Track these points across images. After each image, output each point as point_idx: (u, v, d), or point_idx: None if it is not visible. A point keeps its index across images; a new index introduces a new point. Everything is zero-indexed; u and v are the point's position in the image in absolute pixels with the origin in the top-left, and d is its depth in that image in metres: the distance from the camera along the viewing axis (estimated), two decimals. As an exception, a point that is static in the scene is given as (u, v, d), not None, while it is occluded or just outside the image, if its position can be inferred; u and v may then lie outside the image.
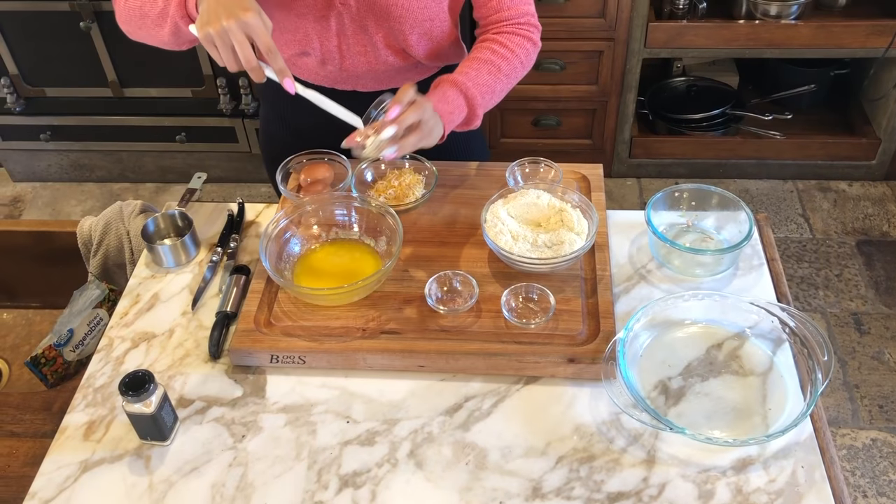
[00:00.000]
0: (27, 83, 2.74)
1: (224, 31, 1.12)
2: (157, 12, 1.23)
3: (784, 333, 1.20)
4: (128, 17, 1.28)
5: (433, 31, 1.39)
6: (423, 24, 1.36)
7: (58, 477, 1.11)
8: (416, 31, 1.36)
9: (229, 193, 2.97)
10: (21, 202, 3.01)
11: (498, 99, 1.38)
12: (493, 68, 1.35)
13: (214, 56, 1.16)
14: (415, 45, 1.38)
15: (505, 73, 1.36)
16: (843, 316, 2.42)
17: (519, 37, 1.38)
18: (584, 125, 2.82)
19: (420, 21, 1.35)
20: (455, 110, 1.31)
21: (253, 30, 1.13)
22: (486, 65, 1.35)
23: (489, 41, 1.37)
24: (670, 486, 1.06)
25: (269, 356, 1.21)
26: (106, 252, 1.65)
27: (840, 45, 2.55)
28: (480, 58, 1.35)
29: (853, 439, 2.12)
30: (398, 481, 1.08)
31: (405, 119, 1.21)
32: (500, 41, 1.37)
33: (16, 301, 1.91)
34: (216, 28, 1.12)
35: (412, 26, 1.35)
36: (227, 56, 1.14)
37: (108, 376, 1.23)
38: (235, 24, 1.11)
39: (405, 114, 1.21)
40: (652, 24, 2.53)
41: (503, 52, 1.36)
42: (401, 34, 1.36)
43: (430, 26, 1.37)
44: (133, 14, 1.27)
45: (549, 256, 1.27)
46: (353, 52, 1.39)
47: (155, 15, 1.24)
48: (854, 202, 2.81)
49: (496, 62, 1.35)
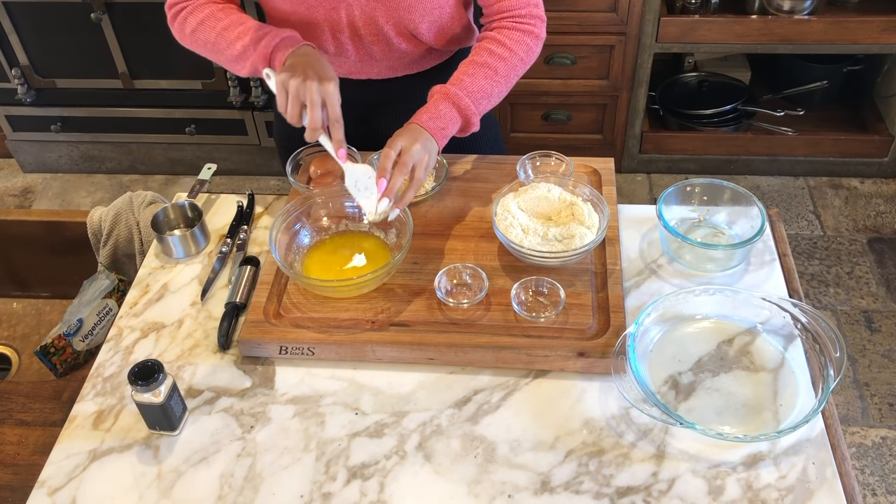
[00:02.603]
0: (38, 74, 2.75)
1: (304, 86, 1.18)
2: (234, 54, 1.29)
3: (796, 329, 1.19)
4: (192, 42, 1.34)
5: (443, 19, 1.38)
6: (433, 13, 1.35)
7: (67, 466, 1.11)
8: (426, 19, 1.35)
9: (238, 186, 2.97)
10: (31, 193, 3.02)
11: (497, 101, 1.37)
12: (489, 72, 1.33)
13: (280, 101, 1.21)
14: (425, 32, 1.38)
15: (503, 74, 1.35)
16: (854, 314, 2.41)
17: (519, 32, 1.36)
18: (594, 120, 2.81)
19: (429, 9, 1.35)
20: (448, 125, 1.30)
21: (330, 97, 1.19)
22: (483, 69, 1.33)
23: (488, 40, 1.36)
24: (680, 482, 1.06)
25: (278, 347, 1.21)
26: (116, 242, 1.65)
27: (853, 41, 2.53)
28: (477, 61, 1.34)
29: (863, 437, 2.11)
30: (406, 474, 1.08)
31: (394, 186, 1.21)
32: (499, 39, 1.35)
33: (26, 291, 1.92)
34: (297, 80, 1.18)
35: (422, 15, 1.34)
36: (294, 107, 1.20)
37: (118, 366, 1.24)
38: (316, 86, 1.18)
39: (393, 179, 1.21)
40: (664, 18, 2.51)
41: (501, 51, 1.34)
42: (410, 23, 1.35)
43: (440, 13, 1.37)
44: (202, 47, 1.33)
45: (559, 250, 1.26)
46: (365, 42, 1.39)
47: (232, 55, 1.30)
48: (866, 199, 2.80)
49: (493, 65, 1.33)
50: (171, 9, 1.34)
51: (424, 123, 1.28)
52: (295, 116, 1.20)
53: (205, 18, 1.31)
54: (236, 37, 1.29)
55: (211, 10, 1.31)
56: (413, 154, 1.23)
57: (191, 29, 1.32)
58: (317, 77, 1.18)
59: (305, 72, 1.19)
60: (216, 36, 1.30)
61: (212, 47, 1.32)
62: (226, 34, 1.29)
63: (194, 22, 1.31)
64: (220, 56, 1.32)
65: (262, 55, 1.27)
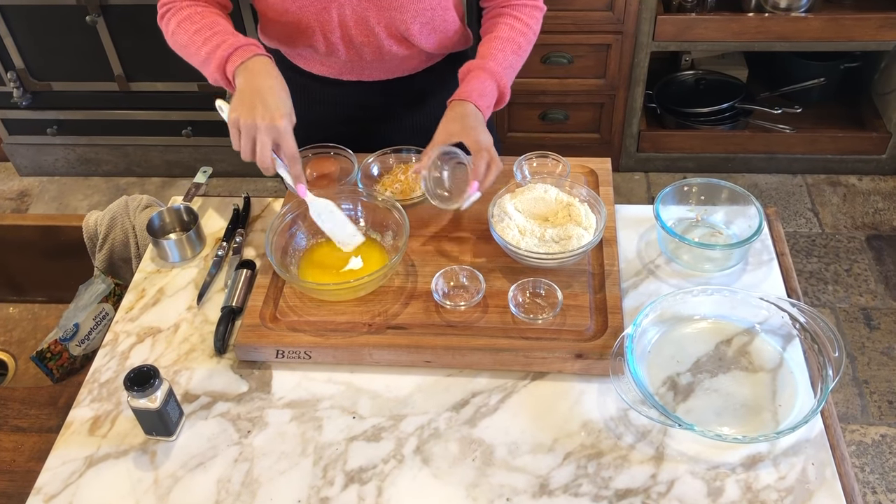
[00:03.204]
0: (34, 77, 2.74)
1: (254, 126, 1.16)
2: (200, 59, 1.28)
3: (794, 329, 1.19)
4: (172, 44, 1.33)
5: (435, 21, 1.38)
6: (425, 14, 1.35)
7: (63, 472, 1.11)
8: (417, 20, 1.35)
9: (235, 188, 2.96)
10: (28, 196, 3.01)
11: (515, 75, 1.41)
12: (515, 47, 1.37)
13: (233, 139, 1.20)
14: (417, 34, 1.37)
15: (524, 49, 1.39)
16: (853, 311, 2.41)
17: (530, 7, 1.40)
18: (591, 119, 2.80)
19: (421, 10, 1.34)
20: (491, 102, 1.35)
21: (282, 137, 1.18)
22: (510, 44, 1.37)
23: (506, 16, 1.39)
24: (679, 483, 1.05)
25: (274, 351, 1.20)
26: (111, 246, 1.64)
27: (851, 38, 2.53)
28: (502, 37, 1.37)
29: (862, 435, 2.11)
30: (404, 477, 1.08)
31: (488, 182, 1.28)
32: (517, 16, 1.38)
33: (22, 295, 1.91)
34: (247, 121, 1.17)
35: (413, 16, 1.34)
36: (246, 147, 1.19)
37: (114, 371, 1.23)
38: (266, 127, 1.16)
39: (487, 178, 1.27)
40: (660, 17, 2.51)
41: (521, 27, 1.38)
42: (402, 24, 1.35)
43: (433, 15, 1.36)
44: (179, 49, 1.32)
45: (556, 251, 1.26)
46: (356, 43, 1.38)
47: (199, 61, 1.29)
48: (864, 197, 2.79)
49: (517, 40, 1.37)
50: (161, 8, 1.33)
51: (476, 101, 1.31)
52: (247, 155, 1.20)
53: (182, 20, 1.29)
54: (203, 41, 1.26)
55: (189, 12, 1.29)
56: (492, 149, 1.28)
57: (171, 30, 1.30)
58: (267, 115, 1.16)
59: (254, 109, 1.16)
60: (188, 39, 1.28)
61: (184, 51, 1.30)
62: (195, 38, 1.27)
63: (174, 23, 1.29)
64: (192, 60, 1.30)
65: (217, 65, 1.24)
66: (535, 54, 2.59)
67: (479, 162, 1.26)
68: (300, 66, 1.48)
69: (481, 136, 1.27)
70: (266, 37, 1.45)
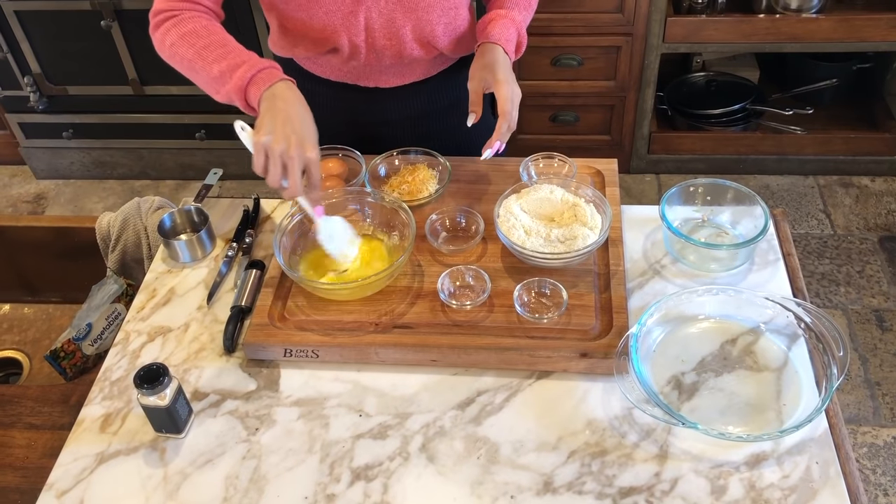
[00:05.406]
0: (49, 82, 2.78)
1: (286, 155, 1.14)
2: (210, 77, 1.23)
3: (799, 328, 1.19)
4: (169, 56, 1.28)
5: (456, 20, 1.41)
6: (449, 13, 1.38)
7: (75, 468, 1.13)
8: (442, 20, 1.38)
9: (248, 190, 2.98)
10: (44, 199, 3.05)
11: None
12: (525, 2, 1.42)
13: (258, 162, 1.16)
14: (440, 35, 1.39)
15: (532, 6, 1.45)
16: (865, 313, 2.40)
17: None
18: (602, 121, 2.80)
19: (447, 9, 1.37)
20: (513, 50, 1.37)
21: (311, 166, 1.17)
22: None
23: None
24: (683, 482, 1.06)
25: (282, 350, 1.21)
26: (124, 247, 1.67)
27: (862, 39, 2.52)
28: None
29: (874, 437, 2.10)
30: (410, 475, 1.09)
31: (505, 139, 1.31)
32: None
33: (36, 296, 1.94)
34: (279, 147, 1.14)
35: (439, 15, 1.37)
36: (275, 174, 1.15)
37: (125, 370, 1.25)
38: (299, 155, 1.15)
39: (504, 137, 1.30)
40: (670, 18, 2.51)
41: None
42: (428, 24, 1.37)
43: (455, 14, 1.40)
44: (179, 63, 1.27)
45: (561, 251, 1.26)
46: (378, 47, 1.39)
47: (208, 78, 1.24)
48: (876, 198, 2.78)
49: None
50: (155, 17, 1.28)
51: (505, 46, 1.34)
52: (275, 181, 1.16)
53: (186, 33, 1.24)
54: (215, 58, 1.22)
55: (194, 25, 1.25)
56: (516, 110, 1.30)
57: (171, 42, 1.26)
58: (298, 143, 1.15)
59: (287, 137, 1.14)
60: (195, 54, 1.23)
61: (189, 65, 1.25)
62: (205, 53, 1.23)
63: (175, 35, 1.25)
64: (197, 77, 1.26)
65: (236, 86, 1.21)
66: (545, 56, 2.61)
67: (502, 123, 1.29)
68: (314, 72, 1.48)
69: (513, 88, 1.30)
70: (280, 46, 1.45)
